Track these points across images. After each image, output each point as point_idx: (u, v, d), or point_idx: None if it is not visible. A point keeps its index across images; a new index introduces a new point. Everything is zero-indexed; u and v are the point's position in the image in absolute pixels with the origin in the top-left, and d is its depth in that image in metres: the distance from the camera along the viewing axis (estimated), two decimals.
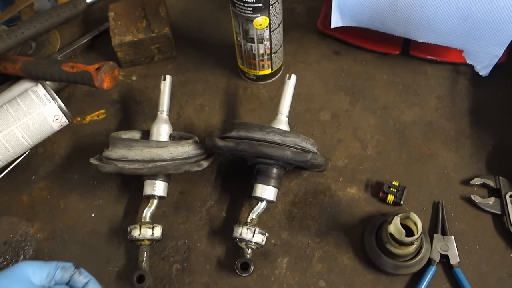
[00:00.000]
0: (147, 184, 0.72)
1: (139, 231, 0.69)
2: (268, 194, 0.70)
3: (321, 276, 0.70)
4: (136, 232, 0.69)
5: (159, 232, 0.70)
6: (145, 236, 0.69)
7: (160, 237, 0.70)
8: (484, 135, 0.79)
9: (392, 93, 0.85)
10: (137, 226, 0.69)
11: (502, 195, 0.73)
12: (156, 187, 0.72)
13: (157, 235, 0.69)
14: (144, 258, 0.69)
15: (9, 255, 0.73)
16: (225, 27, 0.88)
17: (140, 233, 0.68)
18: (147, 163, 0.69)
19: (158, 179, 0.72)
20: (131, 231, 0.69)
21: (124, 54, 0.88)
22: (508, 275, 0.68)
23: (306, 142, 0.69)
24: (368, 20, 0.79)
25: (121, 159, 0.69)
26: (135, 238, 0.69)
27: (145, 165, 0.69)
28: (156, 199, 0.72)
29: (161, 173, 0.71)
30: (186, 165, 0.69)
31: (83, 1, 0.86)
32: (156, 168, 0.69)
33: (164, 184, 0.72)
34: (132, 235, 0.69)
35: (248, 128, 0.69)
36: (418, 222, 0.64)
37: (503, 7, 0.68)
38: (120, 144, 0.70)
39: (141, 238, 0.69)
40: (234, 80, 0.88)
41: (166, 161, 0.69)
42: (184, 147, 0.71)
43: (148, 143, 0.70)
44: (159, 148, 0.70)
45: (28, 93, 0.77)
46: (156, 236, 0.69)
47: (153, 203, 0.72)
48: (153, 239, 0.69)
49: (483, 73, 0.81)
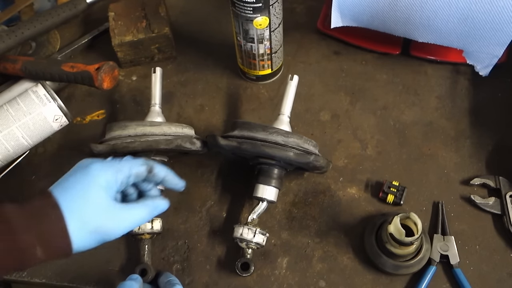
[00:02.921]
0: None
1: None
2: (269, 195, 0.70)
3: (321, 276, 0.70)
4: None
5: (159, 225, 0.70)
6: (145, 230, 0.69)
7: (160, 230, 0.70)
8: (484, 135, 0.79)
9: (392, 93, 0.85)
10: None
11: (502, 195, 0.73)
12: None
13: (157, 228, 0.70)
14: (145, 252, 0.70)
15: None
16: (225, 27, 0.88)
17: (139, 227, 0.69)
18: (139, 137, 0.69)
19: None
20: None
21: (124, 54, 0.88)
22: (508, 275, 0.68)
23: (308, 143, 0.69)
24: (368, 20, 0.79)
25: (114, 138, 0.70)
26: (135, 232, 0.69)
27: (137, 139, 0.69)
28: None
29: (152, 147, 0.69)
30: (178, 139, 0.69)
31: (83, 1, 0.86)
32: (147, 142, 0.69)
33: None
34: (132, 230, 0.69)
35: (251, 128, 0.68)
36: (418, 222, 0.64)
37: (503, 7, 0.68)
38: (115, 126, 0.71)
39: (141, 232, 0.69)
40: (234, 80, 0.88)
41: (157, 136, 0.70)
42: (178, 128, 0.72)
43: (142, 123, 0.71)
44: (152, 127, 0.70)
45: (28, 93, 0.77)
46: (155, 229, 0.70)
47: None
48: (153, 233, 0.70)
49: (483, 73, 0.81)
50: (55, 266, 0.72)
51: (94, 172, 0.55)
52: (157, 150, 0.71)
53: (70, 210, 0.52)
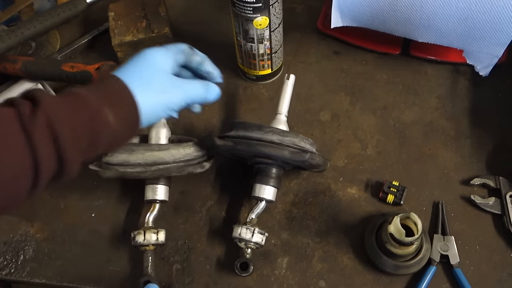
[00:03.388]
0: (148, 188, 0.71)
1: (143, 236, 0.68)
2: (267, 194, 0.70)
3: (321, 276, 0.70)
4: (141, 238, 0.68)
5: (163, 237, 0.69)
6: (150, 241, 0.68)
7: (164, 241, 0.69)
8: (484, 135, 0.79)
9: (392, 93, 0.85)
10: (141, 232, 0.68)
11: (502, 195, 0.73)
12: (157, 192, 0.71)
13: (162, 239, 0.69)
14: (149, 264, 0.68)
15: (9, 255, 0.73)
16: (225, 27, 0.88)
17: (144, 238, 0.68)
18: (150, 166, 0.69)
19: (159, 183, 0.71)
20: (135, 237, 0.68)
21: (124, 54, 0.88)
22: (508, 275, 0.68)
23: (304, 142, 0.69)
24: (368, 20, 0.79)
25: (122, 164, 0.69)
26: (140, 243, 0.68)
27: (148, 168, 0.69)
28: (158, 204, 0.71)
29: (163, 176, 0.70)
30: (189, 167, 0.69)
31: (83, 1, 0.86)
32: (159, 171, 0.69)
33: (166, 188, 0.72)
34: (137, 241, 0.68)
35: (247, 128, 0.69)
36: (418, 222, 0.64)
37: (503, 7, 0.68)
38: (121, 148, 0.70)
39: (145, 244, 0.68)
40: (234, 80, 0.88)
41: (168, 164, 0.69)
42: (186, 149, 0.71)
43: (149, 147, 0.70)
44: (161, 151, 0.69)
45: None
46: (160, 240, 0.69)
47: (155, 207, 0.71)
48: (158, 244, 0.69)
49: (483, 73, 0.81)
50: (55, 266, 0.72)
51: (157, 58, 0.58)
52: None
53: (134, 79, 0.55)
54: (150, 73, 0.56)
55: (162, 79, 0.57)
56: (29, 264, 0.73)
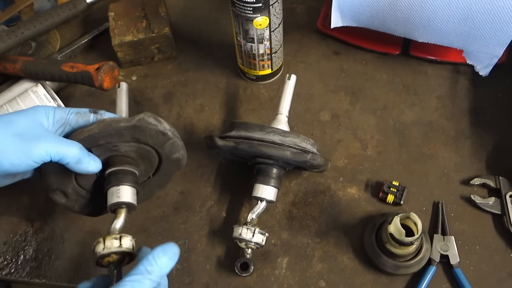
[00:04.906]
0: (110, 193, 0.59)
1: (103, 244, 0.54)
2: (268, 194, 0.70)
3: (321, 276, 0.70)
4: (100, 247, 0.54)
5: (130, 243, 0.54)
6: (111, 249, 0.53)
7: (131, 249, 0.54)
8: (484, 135, 0.79)
9: (392, 93, 0.85)
10: (100, 240, 0.54)
11: (502, 195, 0.73)
12: (121, 193, 0.59)
13: (127, 246, 0.54)
14: (113, 279, 0.53)
15: (9, 255, 0.73)
16: (225, 27, 0.88)
17: (104, 246, 0.54)
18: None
19: (122, 184, 0.59)
20: (94, 248, 0.54)
21: (124, 54, 0.88)
22: (508, 275, 0.68)
23: (305, 142, 0.69)
24: (368, 20, 0.79)
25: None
26: (100, 254, 0.54)
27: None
28: (124, 209, 0.59)
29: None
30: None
31: (83, 1, 0.86)
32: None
33: (131, 189, 0.60)
34: (96, 252, 0.54)
35: (248, 128, 0.69)
36: (418, 222, 0.64)
37: (503, 7, 0.68)
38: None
39: (106, 253, 0.53)
40: (234, 80, 0.88)
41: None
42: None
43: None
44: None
45: (28, 93, 0.77)
46: (125, 247, 0.54)
47: (121, 213, 0.59)
48: (122, 252, 0.54)
49: (483, 73, 0.81)
50: (55, 266, 0.72)
51: (38, 108, 0.56)
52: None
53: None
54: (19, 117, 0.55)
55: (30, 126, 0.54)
56: (29, 264, 0.73)
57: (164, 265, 0.50)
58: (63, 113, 0.57)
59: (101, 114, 0.59)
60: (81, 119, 0.58)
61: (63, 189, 0.61)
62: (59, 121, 0.57)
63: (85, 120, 0.58)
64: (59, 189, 0.61)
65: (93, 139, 0.57)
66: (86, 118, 0.58)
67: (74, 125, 0.58)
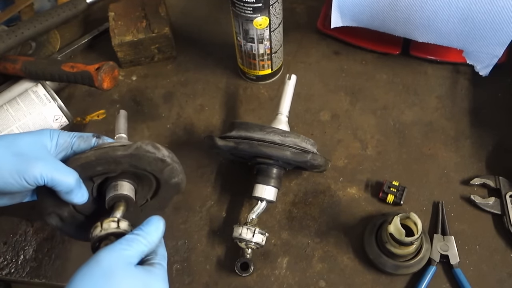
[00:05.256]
0: (109, 189, 0.59)
1: (100, 227, 0.53)
2: (268, 194, 0.70)
3: (321, 276, 0.70)
4: (97, 230, 0.53)
5: (128, 227, 0.54)
6: (108, 230, 0.53)
7: (127, 229, 0.54)
8: (484, 135, 0.79)
9: (392, 93, 0.85)
10: (97, 224, 0.54)
11: (502, 195, 0.73)
12: (119, 188, 0.59)
13: (125, 228, 0.54)
14: None
15: (9, 255, 0.73)
16: (225, 27, 0.88)
17: (101, 228, 0.53)
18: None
19: (121, 180, 0.59)
20: (92, 233, 0.54)
21: (124, 54, 0.88)
22: (508, 275, 0.68)
23: (306, 142, 0.69)
24: (368, 20, 0.79)
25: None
26: (98, 237, 0.53)
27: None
28: (123, 203, 0.59)
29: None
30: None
31: (83, 1, 0.86)
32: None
33: (130, 186, 0.60)
34: (94, 236, 0.53)
35: (248, 128, 0.69)
36: (418, 222, 0.64)
37: (503, 7, 0.68)
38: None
39: (103, 234, 0.53)
40: (234, 80, 0.88)
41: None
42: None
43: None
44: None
45: (28, 93, 0.77)
46: (123, 228, 0.53)
47: (120, 207, 0.58)
48: (121, 234, 0.53)
49: (483, 73, 0.81)
50: (55, 266, 0.72)
51: (44, 131, 0.56)
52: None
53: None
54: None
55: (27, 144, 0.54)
56: (29, 264, 0.73)
57: (151, 231, 0.52)
58: (67, 136, 0.57)
59: (103, 139, 0.59)
60: (83, 143, 0.57)
61: (59, 212, 0.59)
62: (62, 144, 0.57)
63: (87, 144, 0.57)
64: (55, 213, 0.59)
65: (90, 166, 0.56)
66: (88, 143, 0.57)
67: (76, 148, 0.57)
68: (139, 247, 0.51)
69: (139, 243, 0.51)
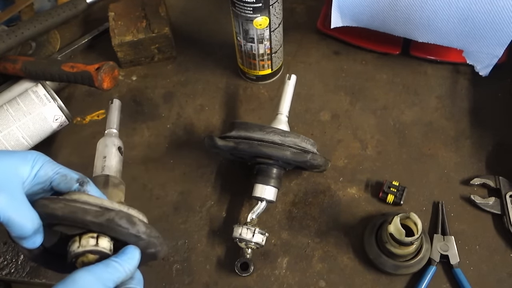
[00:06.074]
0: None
1: (78, 243, 0.50)
2: (268, 194, 0.70)
3: (321, 276, 0.70)
4: (75, 246, 0.50)
5: (107, 244, 0.50)
6: (86, 247, 0.49)
7: (108, 250, 0.50)
8: (484, 135, 0.79)
9: (392, 93, 0.85)
10: (76, 239, 0.50)
11: (502, 195, 0.73)
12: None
13: (104, 246, 0.50)
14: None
15: (9, 255, 0.73)
16: (225, 27, 0.88)
17: (79, 244, 0.50)
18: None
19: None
20: (69, 247, 0.51)
21: (124, 54, 0.88)
22: (508, 275, 0.68)
23: (306, 142, 0.69)
24: (368, 20, 0.79)
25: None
26: (74, 253, 0.50)
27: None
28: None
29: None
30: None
31: (83, 1, 0.86)
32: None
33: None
34: (71, 251, 0.50)
35: (248, 128, 0.69)
36: (418, 222, 0.64)
37: (503, 7, 0.68)
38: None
39: (80, 252, 0.49)
40: (234, 80, 0.88)
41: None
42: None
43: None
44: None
45: (28, 93, 0.77)
46: (102, 247, 0.50)
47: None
48: (98, 252, 0.50)
49: (483, 73, 0.81)
50: None
51: (28, 155, 0.52)
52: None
53: None
54: None
55: None
56: (29, 264, 0.73)
57: (128, 259, 0.50)
58: (49, 170, 0.52)
59: (86, 188, 0.53)
60: (63, 184, 0.52)
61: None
62: (41, 177, 0.52)
63: (67, 187, 0.52)
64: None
65: (56, 219, 0.50)
66: (69, 185, 0.52)
67: (55, 185, 0.52)
68: (116, 273, 0.49)
69: (116, 270, 0.49)
